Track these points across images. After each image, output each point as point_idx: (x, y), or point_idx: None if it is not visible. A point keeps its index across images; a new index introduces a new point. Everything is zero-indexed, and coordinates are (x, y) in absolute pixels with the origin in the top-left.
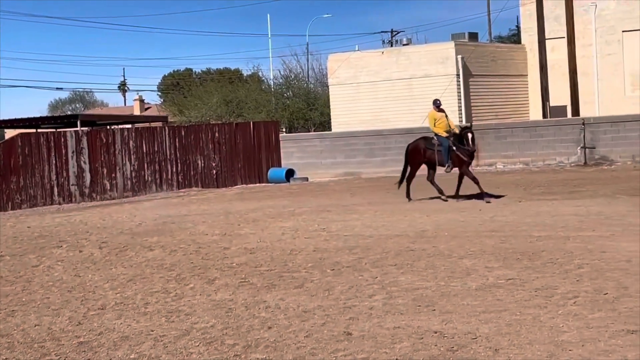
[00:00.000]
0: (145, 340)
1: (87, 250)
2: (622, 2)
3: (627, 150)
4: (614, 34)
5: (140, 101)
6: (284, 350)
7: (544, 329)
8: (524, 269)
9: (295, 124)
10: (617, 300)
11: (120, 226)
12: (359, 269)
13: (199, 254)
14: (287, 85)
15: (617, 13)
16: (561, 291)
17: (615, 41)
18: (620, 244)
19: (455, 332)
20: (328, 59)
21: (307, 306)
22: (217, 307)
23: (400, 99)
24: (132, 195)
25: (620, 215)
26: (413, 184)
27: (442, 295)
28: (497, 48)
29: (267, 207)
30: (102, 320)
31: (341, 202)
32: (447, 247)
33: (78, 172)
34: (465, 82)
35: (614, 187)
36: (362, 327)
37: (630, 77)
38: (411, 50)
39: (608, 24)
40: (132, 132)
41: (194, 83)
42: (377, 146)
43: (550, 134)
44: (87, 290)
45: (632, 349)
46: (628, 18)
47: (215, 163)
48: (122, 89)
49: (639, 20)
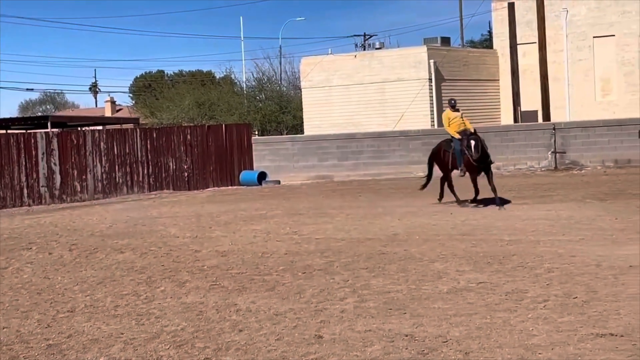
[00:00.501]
0: (115, 343)
1: (57, 253)
2: (593, 8)
3: (597, 155)
4: (585, 40)
5: (112, 103)
6: (254, 353)
7: (513, 332)
8: (495, 272)
9: (267, 127)
10: (586, 304)
11: (91, 228)
12: (330, 272)
13: (169, 256)
14: (260, 88)
15: (588, 19)
16: (531, 295)
17: (586, 47)
18: (589, 248)
19: (426, 336)
20: (301, 62)
21: (278, 309)
22: (187, 310)
23: (373, 102)
24: (102, 197)
25: (589, 220)
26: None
27: (413, 298)
28: (469, 53)
29: (238, 210)
30: (71, 322)
31: (313, 205)
32: (418, 250)
33: (48, 173)
34: (438, 86)
35: (584, 192)
36: (333, 330)
37: (601, 82)
38: (384, 54)
39: (579, 30)
40: (103, 134)
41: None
42: (350, 150)
43: (521, 139)
44: (56, 293)
45: (601, 352)
46: (599, 24)
47: (187, 165)
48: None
49: (610, 26)
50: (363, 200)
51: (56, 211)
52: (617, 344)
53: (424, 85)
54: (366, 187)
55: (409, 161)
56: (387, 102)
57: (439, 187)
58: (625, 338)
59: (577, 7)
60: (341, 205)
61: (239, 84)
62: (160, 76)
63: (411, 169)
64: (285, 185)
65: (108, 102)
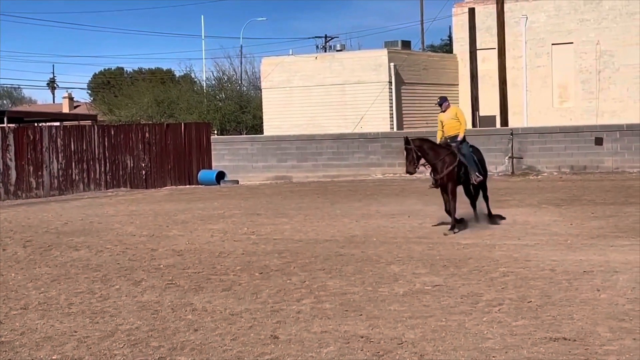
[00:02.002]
0: (69, 341)
1: (11, 249)
2: (552, 15)
3: (554, 161)
4: (543, 47)
5: (70, 99)
6: (209, 353)
7: (468, 335)
8: (451, 275)
9: (227, 126)
10: (540, 309)
11: (46, 225)
12: (287, 272)
13: (125, 255)
14: (220, 88)
15: (547, 26)
16: (486, 298)
17: (544, 53)
18: (545, 253)
19: (381, 337)
20: (261, 62)
21: (234, 309)
22: (143, 309)
23: (334, 104)
24: (59, 194)
25: (545, 225)
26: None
27: (370, 300)
28: (430, 57)
29: (196, 209)
30: (24, 320)
31: (271, 205)
32: (375, 252)
33: (4, 169)
34: (398, 89)
35: (540, 197)
36: (289, 331)
37: (559, 89)
38: (345, 56)
39: (538, 37)
40: (60, 130)
41: (125, 82)
42: (309, 151)
43: (479, 143)
44: (9, 290)
45: (555, 356)
46: (557, 31)
47: (145, 163)
48: (51, 86)
49: (568, 34)
50: (321, 201)
51: (11, 207)
52: (570, 348)
53: (384, 88)
54: (325, 189)
55: (368, 163)
56: (347, 104)
57: (393, 191)
58: (578, 342)
59: (536, 14)
60: (300, 206)
61: (198, 83)
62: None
63: (370, 171)
64: (243, 185)
65: (66, 98)
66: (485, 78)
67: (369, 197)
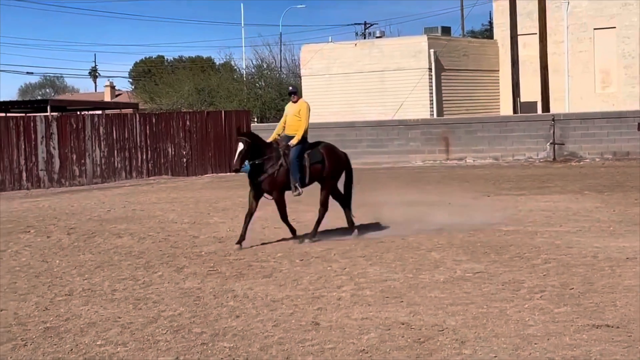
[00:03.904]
0: (112, 327)
1: (55, 236)
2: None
3: (596, 147)
4: (585, 32)
5: (111, 87)
6: (251, 339)
7: (510, 322)
8: (492, 262)
9: (267, 114)
10: (582, 295)
11: (89, 213)
12: (327, 259)
13: (167, 242)
14: (260, 75)
15: (589, 10)
16: (528, 285)
17: (586, 38)
18: (587, 239)
19: (422, 324)
20: (301, 49)
21: (275, 296)
22: (185, 295)
23: (373, 91)
24: (101, 182)
25: (587, 212)
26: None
27: (410, 287)
28: (470, 43)
29: (237, 197)
30: (69, 306)
31: (312, 192)
32: (415, 239)
33: (47, 157)
34: (437, 76)
35: (582, 184)
36: (330, 318)
37: (601, 74)
38: (384, 43)
39: (580, 22)
40: (102, 119)
41: (165, 70)
42: (349, 138)
43: (520, 130)
44: (54, 276)
45: (597, 343)
46: (600, 16)
47: (185, 151)
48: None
49: (611, 18)
50: (361, 188)
51: (55, 195)
52: (613, 335)
53: (424, 74)
54: (364, 176)
55: (407, 150)
56: (386, 91)
57: (434, 178)
58: (621, 329)
59: None
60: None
61: (238, 71)
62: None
63: (410, 158)
64: None
65: (107, 86)
66: (526, 64)
67: (409, 185)
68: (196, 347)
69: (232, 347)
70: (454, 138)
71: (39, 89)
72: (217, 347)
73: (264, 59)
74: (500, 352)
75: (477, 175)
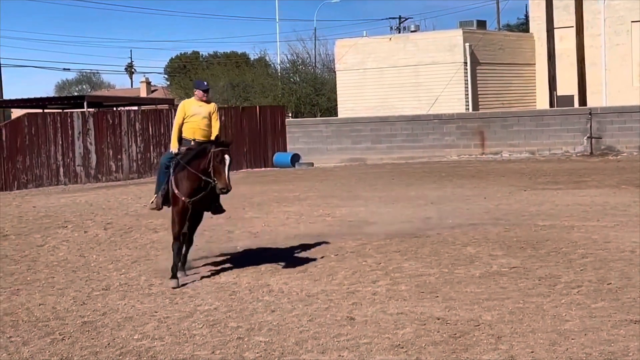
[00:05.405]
0: (149, 321)
1: (92, 231)
2: None
3: (633, 140)
4: (622, 24)
5: (147, 83)
6: (286, 333)
7: (546, 317)
8: (528, 257)
9: (302, 109)
10: (620, 291)
11: (126, 208)
12: (362, 254)
13: (203, 236)
14: (294, 70)
15: (627, 3)
16: (564, 280)
17: (624, 31)
18: (624, 234)
19: (458, 319)
20: (335, 44)
21: (310, 291)
22: (220, 290)
23: (407, 86)
24: (137, 177)
25: (624, 206)
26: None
27: (446, 282)
28: (505, 36)
29: (271, 192)
30: (106, 300)
31: (346, 188)
32: (451, 234)
33: (84, 153)
34: (473, 70)
35: (619, 178)
36: (365, 313)
37: (639, 67)
38: (419, 37)
39: (617, 14)
40: (138, 114)
41: (200, 66)
42: (383, 132)
43: (557, 124)
44: (91, 271)
45: (634, 339)
46: (637, 8)
47: None
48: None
49: None
50: (396, 183)
51: (91, 190)
52: None
53: (459, 68)
54: (399, 171)
55: (443, 145)
56: (421, 85)
57: (469, 172)
58: None
59: None
60: (374, 188)
61: (273, 66)
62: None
63: (445, 152)
64: (318, 167)
65: (143, 82)
66: (562, 57)
67: (444, 179)
68: (232, 341)
69: (268, 342)
70: (489, 132)
71: (76, 85)
72: (252, 342)
73: (298, 54)
74: (537, 347)
75: (513, 169)
